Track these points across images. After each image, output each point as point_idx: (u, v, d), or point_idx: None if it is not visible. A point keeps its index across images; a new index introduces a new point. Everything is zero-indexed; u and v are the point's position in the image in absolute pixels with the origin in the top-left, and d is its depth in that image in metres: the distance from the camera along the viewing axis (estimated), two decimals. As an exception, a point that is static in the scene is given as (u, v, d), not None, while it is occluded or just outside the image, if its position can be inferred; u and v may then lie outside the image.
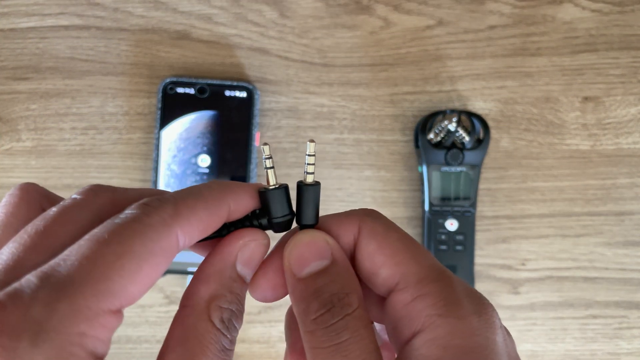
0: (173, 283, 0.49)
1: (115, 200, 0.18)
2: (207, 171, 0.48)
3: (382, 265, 0.19)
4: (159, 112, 0.47)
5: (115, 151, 0.49)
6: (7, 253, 0.16)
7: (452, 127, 0.47)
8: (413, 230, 0.50)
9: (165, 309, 0.49)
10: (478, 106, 0.49)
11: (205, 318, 0.18)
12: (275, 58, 0.49)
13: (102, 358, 0.15)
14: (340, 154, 0.49)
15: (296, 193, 0.20)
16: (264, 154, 0.20)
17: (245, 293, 0.19)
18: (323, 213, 0.21)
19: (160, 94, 0.47)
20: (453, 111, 0.47)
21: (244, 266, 0.19)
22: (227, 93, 0.48)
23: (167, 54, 0.49)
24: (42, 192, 0.19)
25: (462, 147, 0.47)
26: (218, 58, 0.49)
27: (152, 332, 0.49)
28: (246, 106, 0.48)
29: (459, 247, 0.48)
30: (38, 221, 0.17)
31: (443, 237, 0.48)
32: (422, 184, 0.48)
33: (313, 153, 0.20)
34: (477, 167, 0.47)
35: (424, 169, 0.47)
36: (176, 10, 0.49)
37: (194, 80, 0.47)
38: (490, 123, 0.49)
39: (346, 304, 0.18)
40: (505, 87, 0.49)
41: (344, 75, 0.49)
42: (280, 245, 0.21)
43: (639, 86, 0.49)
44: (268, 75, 0.49)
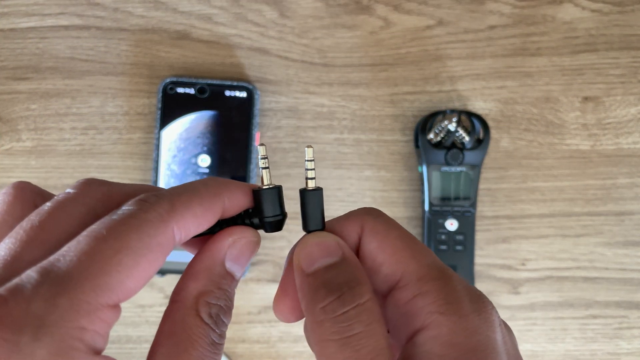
0: (173, 283, 0.49)
1: (109, 194, 0.18)
2: (207, 171, 0.48)
3: (383, 263, 0.19)
4: (159, 112, 0.47)
5: (115, 151, 0.49)
6: (4, 249, 0.16)
7: (452, 127, 0.47)
8: (413, 230, 0.50)
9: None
10: (478, 106, 0.49)
11: (193, 313, 0.18)
12: (275, 58, 0.49)
13: (101, 351, 0.15)
14: (340, 154, 0.49)
15: (300, 200, 0.20)
16: (260, 154, 0.20)
17: (234, 289, 0.20)
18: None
19: (160, 94, 0.47)
20: (453, 111, 0.47)
21: (233, 263, 0.19)
22: (227, 93, 0.48)
23: (167, 54, 0.49)
24: (36, 190, 0.19)
25: (462, 147, 0.47)
26: (218, 58, 0.49)
27: (152, 332, 0.49)
28: (246, 106, 0.48)
29: (459, 247, 0.48)
30: (33, 216, 0.17)
31: (443, 237, 0.48)
32: (422, 184, 0.48)
33: (312, 158, 0.20)
34: (477, 167, 0.47)
35: (424, 169, 0.47)
36: (176, 10, 0.49)
37: (194, 80, 0.47)
38: (490, 123, 0.49)
39: (358, 293, 0.18)
40: (505, 87, 0.49)
41: (344, 75, 0.49)
42: (291, 259, 0.20)
43: (639, 86, 0.49)
44: (268, 75, 0.49)
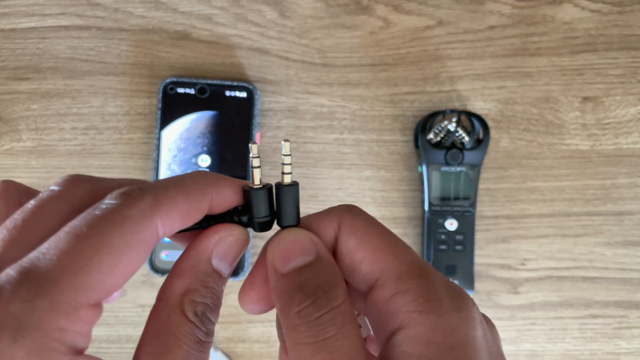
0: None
1: (94, 190, 0.18)
2: (208, 171, 0.48)
3: (362, 261, 0.19)
4: (159, 112, 0.47)
5: (115, 151, 0.49)
6: None
7: (452, 127, 0.47)
8: (413, 230, 0.50)
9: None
10: (478, 106, 0.49)
11: (178, 311, 0.18)
12: (275, 58, 0.49)
13: (83, 351, 0.15)
14: (340, 154, 0.49)
15: (275, 195, 0.20)
16: (251, 153, 0.20)
17: (221, 287, 0.19)
18: None
19: (160, 94, 0.47)
20: (453, 111, 0.47)
21: (220, 261, 0.19)
22: (227, 93, 0.48)
23: (168, 54, 0.49)
24: (22, 189, 0.19)
25: (462, 147, 0.47)
26: (218, 58, 0.49)
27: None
28: (246, 106, 0.48)
29: (459, 247, 0.48)
30: (16, 215, 0.17)
31: (443, 237, 0.48)
32: (422, 184, 0.48)
33: (289, 153, 0.20)
34: (477, 167, 0.47)
35: (424, 169, 0.47)
36: (176, 10, 0.49)
37: (194, 80, 0.48)
38: (490, 123, 0.49)
39: (332, 297, 0.18)
40: (505, 87, 0.49)
41: (344, 75, 0.49)
42: (263, 252, 0.20)
43: (639, 86, 0.49)
44: (268, 75, 0.49)
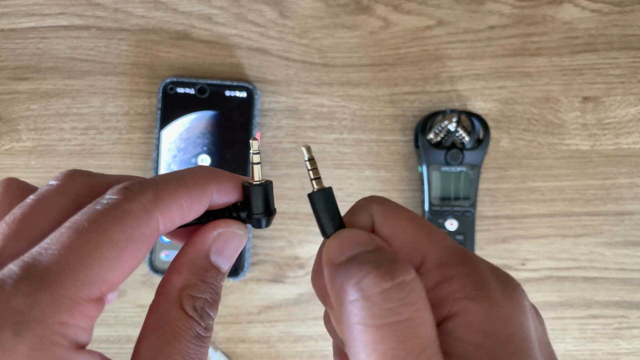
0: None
1: (92, 184, 0.18)
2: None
3: (400, 250, 0.18)
4: (159, 112, 0.47)
5: (115, 151, 0.49)
6: None
7: (452, 127, 0.47)
8: (413, 230, 0.50)
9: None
10: (478, 106, 0.49)
11: (177, 306, 0.18)
12: (275, 58, 0.49)
13: (85, 345, 0.15)
14: (340, 154, 0.49)
15: (311, 205, 0.19)
16: (252, 149, 0.20)
17: (220, 282, 0.19)
18: None
19: (160, 94, 0.47)
20: (453, 111, 0.47)
21: (218, 256, 0.19)
22: (227, 93, 0.48)
23: (167, 54, 0.49)
24: (24, 186, 0.19)
25: (462, 147, 0.47)
26: (218, 58, 0.49)
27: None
28: (246, 106, 0.48)
29: (459, 247, 0.48)
30: (16, 210, 0.17)
31: (443, 237, 0.48)
32: (422, 184, 0.48)
33: (311, 157, 0.19)
34: (477, 167, 0.47)
35: (424, 169, 0.47)
36: (176, 10, 0.49)
37: (194, 80, 0.47)
38: (490, 123, 0.49)
39: (400, 268, 0.16)
40: (505, 87, 0.49)
41: (344, 75, 0.49)
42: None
43: (639, 86, 0.49)
44: (268, 75, 0.49)
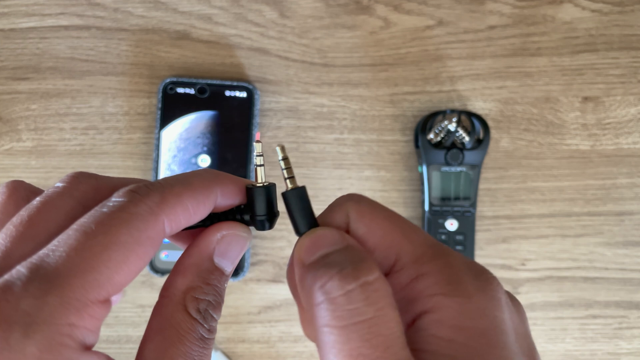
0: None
1: (98, 186, 0.18)
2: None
3: (375, 248, 0.18)
4: (159, 112, 0.47)
5: (115, 151, 0.49)
6: None
7: (452, 127, 0.47)
8: (413, 230, 0.50)
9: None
10: (478, 106, 0.49)
11: (181, 308, 0.18)
12: (275, 58, 0.49)
13: (92, 346, 0.15)
14: (340, 154, 0.49)
15: (284, 204, 0.19)
16: (255, 152, 0.20)
17: (224, 284, 0.19)
18: None
19: (160, 94, 0.47)
20: (453, 111, 0.47)
21: (222, 258, 0.19)
22: (227, 93, 0.48)
23: (167, 54, 0.49)
24: (30, 188, 0.19)
25: (462, 147, 0.47)
26: (218, 58, 0.49)
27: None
28: (246, 106, 0.48)
29: (459, 247, 0.48)
30: (23, 212, 0.17)
31: (443, 237, 0.48)
32: (422, 184, 0.48)
33: (285, 156, 0.19)
34: (477, 167, 0.47)
35: (424, 169, 0.47)
36: (176, 10, 0.49)
37: (194, 80, 0.47)
38: (490, 123, 0.49)
39: (363, 269, 0.16)
40: (505, 87, 0.49)
41: (344, 75, 0.49)
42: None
43: (639, 86, 0.49)
44: (268, 75, 0.49)
